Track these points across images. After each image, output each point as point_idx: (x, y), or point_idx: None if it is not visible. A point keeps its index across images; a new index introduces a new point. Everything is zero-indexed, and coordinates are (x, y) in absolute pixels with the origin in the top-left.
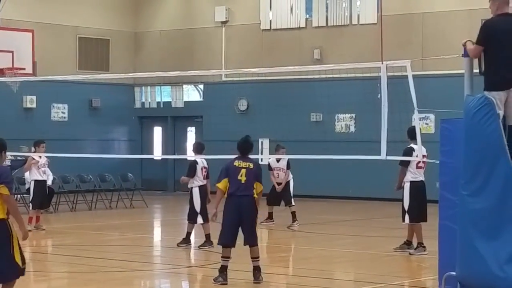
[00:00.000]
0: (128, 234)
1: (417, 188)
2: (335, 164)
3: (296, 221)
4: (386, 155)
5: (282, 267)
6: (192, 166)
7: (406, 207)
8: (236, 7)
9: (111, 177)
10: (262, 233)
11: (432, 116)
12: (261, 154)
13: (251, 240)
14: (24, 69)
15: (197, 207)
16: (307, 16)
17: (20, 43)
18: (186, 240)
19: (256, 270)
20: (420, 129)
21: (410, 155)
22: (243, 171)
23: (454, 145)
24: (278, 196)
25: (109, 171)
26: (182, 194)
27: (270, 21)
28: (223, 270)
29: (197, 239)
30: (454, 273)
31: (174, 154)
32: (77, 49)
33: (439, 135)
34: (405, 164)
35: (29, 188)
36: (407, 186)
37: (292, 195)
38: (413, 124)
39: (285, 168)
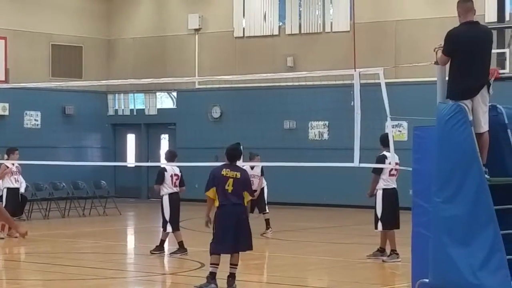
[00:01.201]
0: (101, 242)
1: (390, 195)
2: (309, 171)
3: (270, 228)
4: (359, 162)
5: (256, 274)
6: (160, 174)
7: (378, 215)
8: (209, 15)
9: (84, 185)
10: None
11: (405, 124)
12: None
13: (250, 245)
14: None
15: (167, 215)
16: (280, 23)
17: None
18: (160, 248)
19: (231, 277)
20: (393, 136)
21: (383, 162)
22: (230, 181)
23: (426, 152)
24: (252, 203)
25: (82, 179)
26: (156, 201)
27: (243, 28)
28: (213, 276)
29: (171, 246)
30: (427, 280)
31: (148, 161)
32: (50, 56)
33: (411, 142)
34: (378, 171)
35: (1, 196)
36: (379, 194)
37: (266, 202)
38: (386, 131)
39: (259, 174)
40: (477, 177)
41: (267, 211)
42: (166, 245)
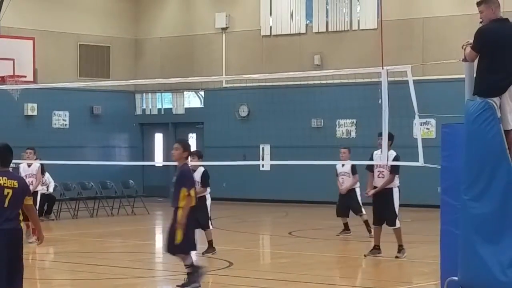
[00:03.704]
0: (129, 241)
1: (399, 193)
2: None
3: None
4: (388, 160)
5: (284, 273)
6: (208, 176)
7: (396, 212)
8: (236, 13)
9: (113, 184)
10: (264, 239)
11: (433, 121)
12: (262, 160)
13: None
14: (25, 76)
15: (209, 212)
16: (307, 21)
17: (21, 50)
18: (211, 248)
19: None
20: (391, 134)
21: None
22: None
23: (455, 150)
24: (346, 206)
25: (111, 178)
26: None
27: (271, 27)
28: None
29: (200, 245)
30: (456, 278)
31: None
32: (78, 56)
33: (440, 140)
34: (398, 171)
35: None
36: (396, 192)
37: (361, 203)
38: (414, 129)
39: (350, 173)
40: (506, 174)
41: (364, 212)
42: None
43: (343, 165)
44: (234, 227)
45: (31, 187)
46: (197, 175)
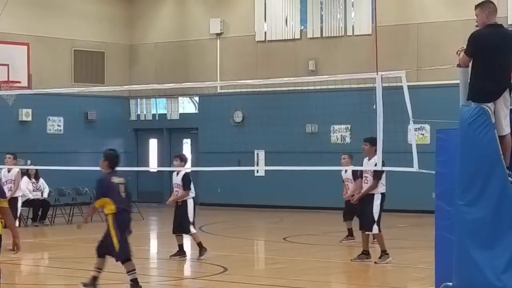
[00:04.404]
0: None
1: (384, 199)
2: (330, 175)
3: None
4: (382, 166)
5: (279, 278)
6: (189, 178)
7: (376, 217)
8: (230, 19)
9: None
10: (258, 245)
11: (427, 127)
12: (257, 165)
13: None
14: (19, 82)
15: (191, 217)
16: (302, 27)
17: (15, 56)
18: (203, 250)
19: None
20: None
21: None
22: (122, 187)
23: (449, 155)
24: (351, 211)
25: None
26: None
27: (265, 32)
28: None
29: (193, 250)
30: (450, 283)
31: (170, 166)
32: (73, 62)
33: (434, 145)
34: (380, 177)
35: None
36: (378, 198)
37: None
38: (409, 135)
39: (352, 178)
40: (500, 179)
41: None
42: (188, 249)
43: (346, 171)
44: (229, 233)
45: (9, 193)
46: (178, 178)
